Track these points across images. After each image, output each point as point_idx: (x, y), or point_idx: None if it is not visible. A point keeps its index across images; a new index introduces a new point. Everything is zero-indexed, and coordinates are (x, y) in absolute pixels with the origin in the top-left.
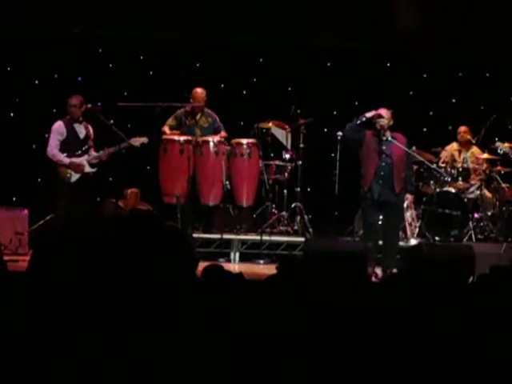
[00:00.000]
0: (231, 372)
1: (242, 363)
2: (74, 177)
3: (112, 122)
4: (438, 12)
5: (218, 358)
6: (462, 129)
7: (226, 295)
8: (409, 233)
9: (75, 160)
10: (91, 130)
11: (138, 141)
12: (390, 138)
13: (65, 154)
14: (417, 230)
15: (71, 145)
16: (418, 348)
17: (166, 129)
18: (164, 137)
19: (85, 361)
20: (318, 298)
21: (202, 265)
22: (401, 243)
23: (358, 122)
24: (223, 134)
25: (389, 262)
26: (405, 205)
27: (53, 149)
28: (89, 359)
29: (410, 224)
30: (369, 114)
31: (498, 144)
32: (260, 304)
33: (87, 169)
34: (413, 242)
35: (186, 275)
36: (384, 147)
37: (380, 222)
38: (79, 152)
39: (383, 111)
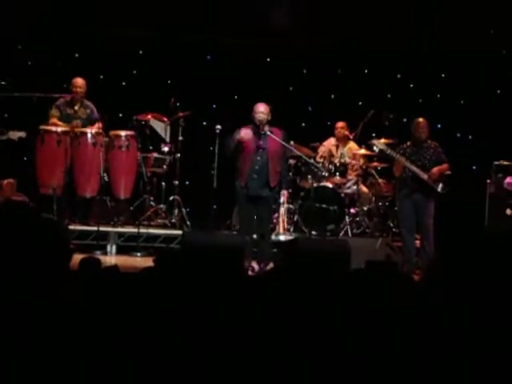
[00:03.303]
0: (108, 369)
1: (115, 359)
2: None
3: None
4: (319, 8)
5: (92, 355)
6: (340, 124)
7: (102, 288)
8: (281, 228)
9: None
10: None
11: (15, 134)
12: (268, 132)
13: None
14: (286, 225)
15: None
16: (293, 343)
17: (56, 121)
18: (41, 127)
19: None
20: (194, 292)
21: (78, 257)
22: (274, 237)
23: (232, 143)
24: (99, 125)
25: (265, 256)
26: (281, 200)
27: None
28: None
29: (283, 220)
30: (238, 136)
31: (373, 142)
32: (135, 297)
33: None
34: (282, 237)
35: (60, 267)
36: (261, 142)
37: (255, 216)
38: None
39: (262, 106)
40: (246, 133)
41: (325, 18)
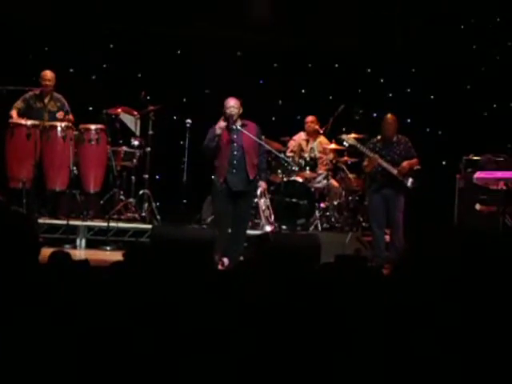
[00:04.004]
0: (77, 366)
1: (84, 353)
2: None
3: None
4: (289, 2)
5: (61, 349)
6: (309, 119)
7: (71, 282)
8: (263, 220)
9: None
10: None
11: None
12: (239, 127)
13: None
14: (272, 217)
15: None
16: (265, 336)
17: (14, 113)
18: (10, 121)
19: None
20: (164, 286)
21: (47, 251)
22: (254, 231)
23: (212, 136)
24: (70, 117)
25: (236, 250)
26: (258, 192)
27: None
28: None
29: (264, 211)
30: (218, 132)
31: (343, 137)
32: (105, 291)
33: None
34: (268, 228)
35: (29, 261)
36: (235, 136)
37: (230, 211)
38: None
39: (232, 100)
40: (219, 127)
41: (295, 15)
